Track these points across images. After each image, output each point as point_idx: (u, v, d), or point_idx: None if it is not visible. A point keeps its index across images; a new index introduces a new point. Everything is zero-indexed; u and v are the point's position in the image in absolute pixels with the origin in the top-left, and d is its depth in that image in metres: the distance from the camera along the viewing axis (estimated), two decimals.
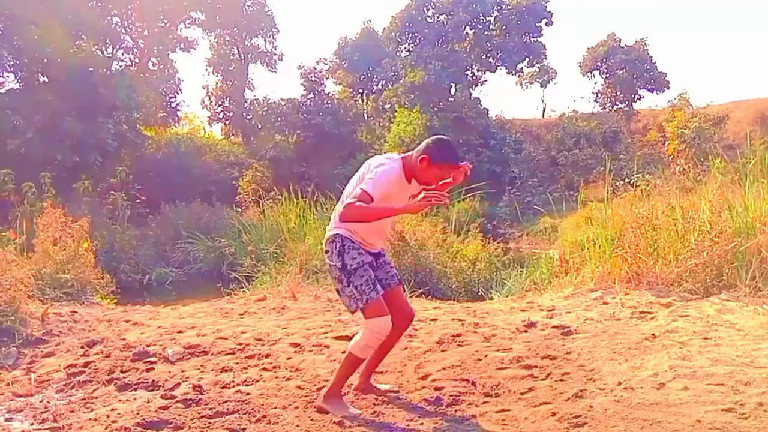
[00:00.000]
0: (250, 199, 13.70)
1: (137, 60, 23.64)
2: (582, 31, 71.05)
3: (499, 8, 31.32)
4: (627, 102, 33.64)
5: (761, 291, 5.05)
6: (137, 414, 3.01)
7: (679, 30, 71.20)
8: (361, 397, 3.27)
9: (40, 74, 18.44)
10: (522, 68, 33.69)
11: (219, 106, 29.33)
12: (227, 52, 28.99)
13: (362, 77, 29.94)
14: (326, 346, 4.26)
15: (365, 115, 32.75)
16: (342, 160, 24.49)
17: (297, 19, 64.81)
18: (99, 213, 13.71)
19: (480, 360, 3.86)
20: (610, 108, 33.64)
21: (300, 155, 24.59)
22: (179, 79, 24.36)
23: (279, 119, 26.08)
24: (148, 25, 23.09)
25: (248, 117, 28.58)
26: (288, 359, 4.01)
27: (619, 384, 3.26)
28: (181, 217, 16.25)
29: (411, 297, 6.59)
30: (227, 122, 29.63)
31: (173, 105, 24.68)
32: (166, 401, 3.20)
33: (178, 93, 24.65)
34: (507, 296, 7.24)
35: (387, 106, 31.64)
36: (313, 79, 27.11)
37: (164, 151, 23.20)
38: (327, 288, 6.90)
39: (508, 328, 4.69)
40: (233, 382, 3.53)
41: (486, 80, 33.50)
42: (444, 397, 3.21)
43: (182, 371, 3.76)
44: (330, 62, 30.59)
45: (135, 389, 3.46)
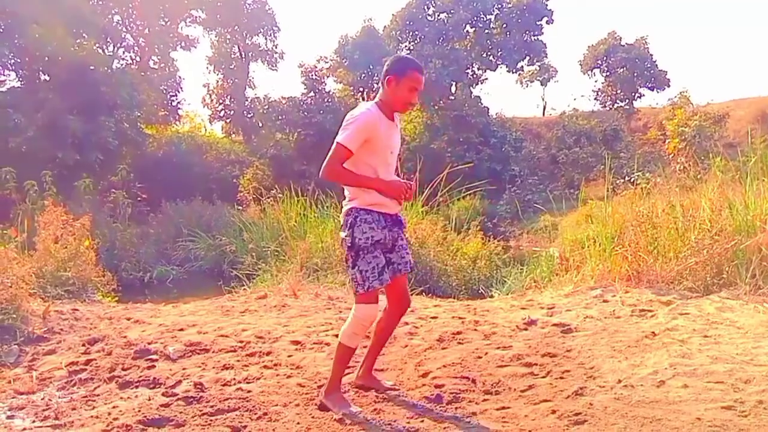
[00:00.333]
0: (251, 197, 13.72)
1: (138, 58, 23.66)
2: (582, 29, 71.17)
3: (499, 6, 31.31)
4: (627, 100, 33.59)
5: (761, 289, 5.05)
6: (138, 411, 3.02)
7: (680, 28, 71.32)
8: (361, 394, 3.28)
9: (41, 72, 18.42)
10: (522, 66, 33.67)
11: (220, 104, 29.32)
12: (228, 50, 28.97)
13: (363, 75, 29.84)
14: (327, 344, 4.26)
15: None
16: None
17: (298, 18, 64.91)
18: (100, 211, 13.71)
19: (480, 358, 3.86)
20: (611, 106, 33.61)
21: (301, 153, 24.58)
22: (180, 77, 24.42)
23: (280, 117, 26.08)
24: (149, 24, 23.11)
25: (249, 115, 28.57)
26: (289, 357, 4.02)
27: (619, 382, 3.27)
28: (182, 215, 16.24)
29: (411, 295, 6.54)
30: (228, 120, 29.61)
31: (174, 103, 24.69)
32: (168, 399, 3.21)
33: (179, 91, 24.69)
34: (507, 294, 7.24)
35: None
36: (313, 77, 27.08)
37: (165, 150, 23.23)
38: (327, 286, 6.92)
39: (509, 325, 4.69)
40: (234, 379, 3.54)
41: (486, 78, 33.54)
42: (444, 395, 3.22)
43: (183, 369, 3.77)
44: (330, 60, 30.50)
45: (136, 387, 3.46)
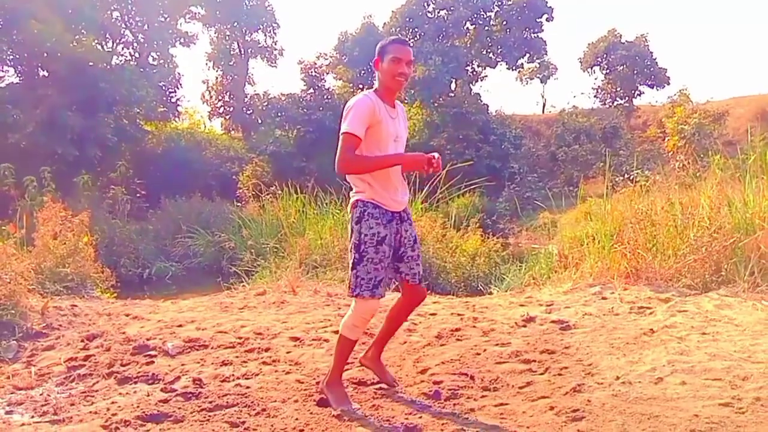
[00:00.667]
0: (250, 194, 13.69)
1: (137, 54, 23.54)
2: (582, 26, 71.06)
3: (499, 4, 31.24)
4: (627, 98, 33.60)
5: (760, 286, 5.07)
6: (137, 407, 3.02)
7: (680, 26, 71.23)
8: (360, 390, 3.29)
9: (40, 68, 18.37)
10: (522, 64, 33.60)
11: (219, 101, 29.23)
12: (227, 46, 28.87)
13: (362, 72, 29.76)
14: (326, 340, 4.27)
15: None
16: None
17: (297, 14, 64.70)
18: (99, 207, 13.70)
19: (479, 354, 3.87)
20: (610, 104, 33.62)
21: (300, 150, 24.56)
22: (179, 73, 24.20)
23: (279, 114, 26.04)
24: (148, 20, 22.97)
25: (248, 112, 28.50)
26: (287, 353, 4.02)
27: (617, 378, 3.28)
28: (181, 211, 16.21)
29: None
30: (227, 117, 29.53)
31: (173, 100, 24.54)
32: (166, 394, 3.21)
33: (178, 88, 24.52)
34: (506, 291, 7.23)
35: None
36: (313, 74, 27.05)
37: (164, 146, 23.17)
38: (327, 282, 6.93)
39: (507, 322, 4.70)
40: (233, 375, 3.54)
41: (486, 76, 33.44)
42: (443, 391, 3.22)
43: (182, 365, 3.77)
44: (330, 57, 30.44)
45: (135, 382, 3.47)
